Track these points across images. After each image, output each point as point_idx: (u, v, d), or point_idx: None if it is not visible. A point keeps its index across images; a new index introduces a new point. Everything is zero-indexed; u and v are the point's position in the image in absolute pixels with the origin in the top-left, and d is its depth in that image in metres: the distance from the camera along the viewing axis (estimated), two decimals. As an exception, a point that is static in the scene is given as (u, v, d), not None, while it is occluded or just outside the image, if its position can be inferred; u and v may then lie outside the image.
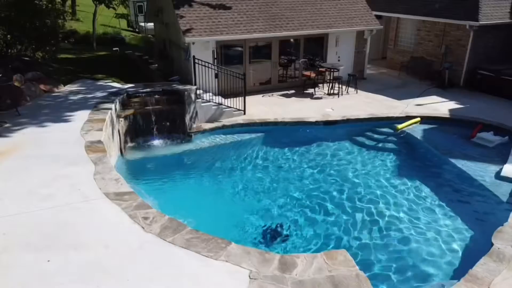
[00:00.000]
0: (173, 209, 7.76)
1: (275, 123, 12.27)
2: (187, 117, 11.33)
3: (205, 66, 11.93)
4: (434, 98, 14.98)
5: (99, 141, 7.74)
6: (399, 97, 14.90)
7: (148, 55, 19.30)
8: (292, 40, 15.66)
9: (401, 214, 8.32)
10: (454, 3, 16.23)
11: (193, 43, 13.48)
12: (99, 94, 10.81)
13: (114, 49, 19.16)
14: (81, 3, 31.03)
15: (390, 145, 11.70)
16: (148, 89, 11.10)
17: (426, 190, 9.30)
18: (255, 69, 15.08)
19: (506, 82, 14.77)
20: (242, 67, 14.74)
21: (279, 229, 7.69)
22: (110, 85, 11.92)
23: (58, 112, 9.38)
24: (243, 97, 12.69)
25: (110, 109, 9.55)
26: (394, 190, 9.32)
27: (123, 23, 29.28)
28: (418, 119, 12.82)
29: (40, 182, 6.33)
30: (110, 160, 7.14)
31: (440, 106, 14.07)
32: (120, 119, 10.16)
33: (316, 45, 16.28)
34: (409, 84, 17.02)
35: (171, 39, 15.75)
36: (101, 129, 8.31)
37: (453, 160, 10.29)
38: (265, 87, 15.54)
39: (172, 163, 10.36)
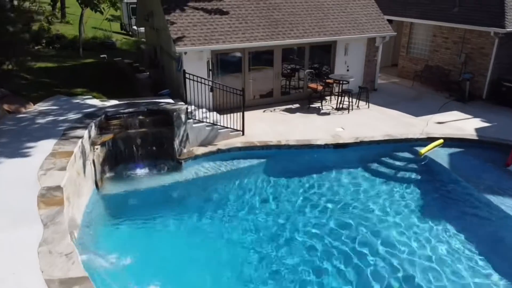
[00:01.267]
0: (152, 273, 6.23)
1: (278, 147, 10.67)
2: (176, 141, 9.74)
3: (197, 81, 10.32)
4: (456, 114, 13.39)
5: (58, 187, 6.13)
6: (416, 113, 13.30)
7: (139, 62, 17.71)
8: (296, 48, 14.05)
9: (432, 271, 6.74)
10: (476, 8, 14.63)
11: (185, 53, 11.89)
12: (72, 116, 9.21)
13: (101, 56, 17.53)
14: (73, 4, 29.40)
15: (411, 175, 10.10)
16: (130, 109, 9.50)
17: (459, 237, 7.72)
18: (255, 78, 13.48)
19: (536, 96, 13.19)
20: (241, 75, 13.15)
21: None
22: (88, 104, 10.30)
23: (17, 141, 7.77)
24: (241, 115, 11.10)
25: (82, 137, 7.95)
26: (420, 236, 7.74)
27: (116, 25, 27.67)
28: (441, 141, 11.23)
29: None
30: (66, 219, 5.51)
31: (463, 124, 12.47)
32: (96, 147, 8.56)
33: (323, 54, 14.68)
34: (425, 96, 15.43)
35: (162, 46, 14.16)
36: (64, 168, 6.71)
37: (490, 197, 8.70)
38: (266, 101, 13.94)
39: (157, 200, 8.77)
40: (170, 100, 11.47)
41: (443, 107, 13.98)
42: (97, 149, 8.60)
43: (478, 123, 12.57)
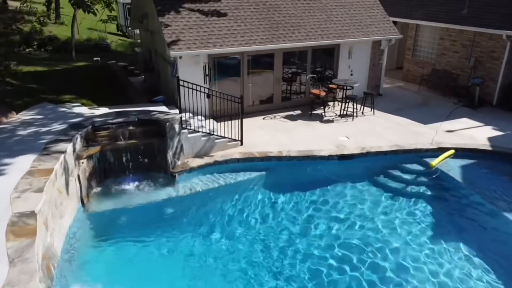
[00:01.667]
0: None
1: (279, 158, 9.98)
2: (170, 153, 9.05)
3: (192, 89, 9.64)
4: (465, 121, 12.71)
5: (32, 214, 5.44)
6: (424, 120, 12.62)
7: (134, 64, 17.04)
8: (297, 51, 13.36)
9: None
10: (487, 9, 13.96)
11: (180, 57, 11.21)
12: (57, 126, 8.52)
13: (94, 59, 16.84)
14: (68, 4, 28.71)
15: (421, 190, 9.40)
16: (120, 119, 8.81)
17: (480, 264, 7.03)
18: (254, 82, 12.79)
19: (551, 103, 12.51)
20: (239, 79, 12.46)
21: None
22: (75, 112, 9.62)
23: (-7, 157, 7.10)
24: (239, 124, 10.41)
25: (64, 151, 7.26)
26: (433, 261, 7.06)
27: (112, 26, 26.96)
28: (452, 151, 10.54)
29: None
30: (37, 254, 4.81)
31: (475, 132, 11.79)
32: (81, 161, 7.88)
33: (325, 57, 14.00)
34: (432, 101, 14.75)
35: (157, 49, 13.47)
36: (42, 189, 6.02)
37: (509, 216, 8.01)
38: (266, 107, 13.25)
39: (149, 219, 8.09)
40: (164, 108, 10.80)
41: (451, 114, 13.30)
42: (82, 163, 7.92)
43: (490, 131, 11.89)
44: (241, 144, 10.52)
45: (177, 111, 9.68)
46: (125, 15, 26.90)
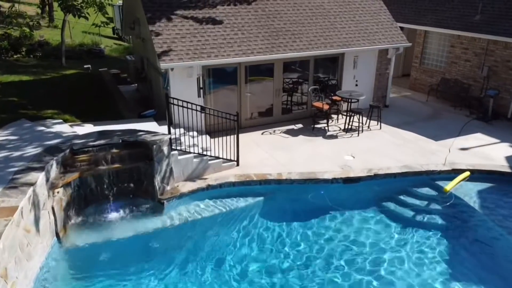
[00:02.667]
0: None
1: (279, 181, 9.12)
2: (158, 178, 8.19)
3: (183, 106, 8.77)
4: (480, 137, 11.82)
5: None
6: (434, 135, 11.74)
7: (127, 71, 16.20)
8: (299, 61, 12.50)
9: None
10: (501, 15, 13.06)
11: (172, 69, 10.37)
12: (31, 150, 7.66)
13: (85, 66, 15.99)
14: (64, 7, 27.84)
15: (435, 220, 8.51)
16: (102, 141, 7.95)
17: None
18: (252, 92, 11.93)
19: None
20: (237, 88, 11.60)
21: None
22: (55, 131, 8.76)
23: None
24: (236, 141, 9.56)
25: (35, 183, 6.41)
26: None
27: (108, 30, 26.11)
28: (468, 173, 9.66)
29: None
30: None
31: (490, 150, 10.91)
32: (57, 190, 7.03)
33: (329, 66, 13.13)
34: (442, 113, 13.86)
35: (149, 58, 12.63)
36: (0, 234, 5.17)
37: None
38: (265, 120, 12.39)
39: (133, 253, 7.26)
40: (154, 125, 9.99)
41: (464, 128, 12.41)
42: (58, 192, 7.07)
43: (507, 149, 11.00)
44: (237, 164, 9.67)
45: (165, 133, 8.78)
46: (121, 18, 26.06)
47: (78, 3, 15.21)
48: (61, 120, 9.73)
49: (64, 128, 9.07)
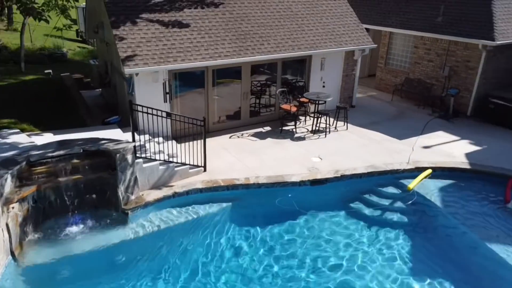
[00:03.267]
0: None
1: (247, 186, 9.09)
2: (122, 188, 8.00)
3: (148, 113, 8.59)
4: (441, 135, 12.20)
5: None
6: (399, 135, 12.02)
7: (91, 76, 15.75)
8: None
9: None
10: (462, 18, 13.49)
11: (137, 74, 10.15)
12: (-16, 163, 7.30)
13: (46, 71, 15.43)
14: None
15: (399, 217, 8.73)
16: (61, 152, 7.68)
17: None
18: (220, 95, 11.86)
19: (527, 115, 12.14)
20: (204, 91, 11.48)
21: None
22: (10, 142, 8.40)
23: None
24: (203, 147, 9.46)
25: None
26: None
27: (72, 32, 25.31)
28: (430, 171, 9.95)
29: None
30: None
31: (452, 148, 11.26)
32: (12, 205, 6.73)
33: (297, 68, 13.20)
34: (407, 113, 14.22)
35: (113, 63, 12.33)
36: None
37: (493, 247, 7.41)
38: (233, 124, 12.33)
39: (96, 269, 7.03)
40: (118, 132, 9.77)
41: (426, 127, 12.76)
42: (13, 208, 6.77)
43: (467, 146, 11.39)
44: (205, 170, 9.58)
45: (129, 141, 8.56)
46: (85, 20, 25.31)
47: (38, 6, 14.61)
48: (18, 130, 9.35)
49: (21, 139, 8.71)
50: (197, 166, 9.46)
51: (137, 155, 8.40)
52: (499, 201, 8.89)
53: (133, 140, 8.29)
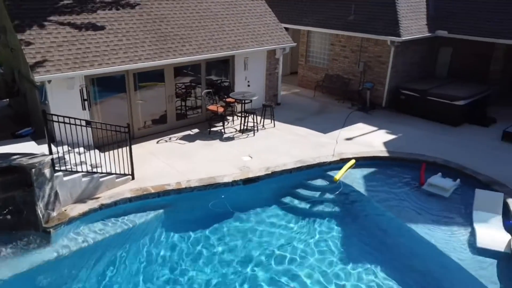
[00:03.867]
0: None
1: (178, 191, 8.89)
2: (41, 205, 7.37)
3: (65, 123, 8.01)
4: (361, 127, 13.00)
5: None
6: (323, 129, 12.58)
7: (-3, 86, 14.28)
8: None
9: None
10: (371, 16, 14.49)
11: (49, 82, 9.41)
12: None
13: None
14: None
15: (328, 207, 9.15)
16: (-35, 171, 6.87)
17: (387, 282, 6.87)
18: (144, 99, 11.46)
19: (433, 103, 13.39)
20: (126, 95, 11.04)
21: None
22: None
23: None
24: (129, 154, 9.07)
25: None
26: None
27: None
28: (353, 161, 10.54)
29: None
30: None
31: (371, 138, 12.05)
32: None
33: (221, 70, 13.21)
34: (329, 107, 14.94)
35: (21, 70, 11.30)
36: None
37: (412, 226, 8.07)
38: (159, 128, 12.00)
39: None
40: (32, 145, 8.99)
41: (347, 119, 13.52)
42: None
43: (384, 135, 12.27)
44: (133, 178, 9.20)
45: (45, 153, 7.92)
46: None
47: None
48: None
49: None
50: (125, 175, 9.04)
51: (56, 168, 7.80)
52: (415, 184, 9.70)
53: (50, 153, 7.68)
